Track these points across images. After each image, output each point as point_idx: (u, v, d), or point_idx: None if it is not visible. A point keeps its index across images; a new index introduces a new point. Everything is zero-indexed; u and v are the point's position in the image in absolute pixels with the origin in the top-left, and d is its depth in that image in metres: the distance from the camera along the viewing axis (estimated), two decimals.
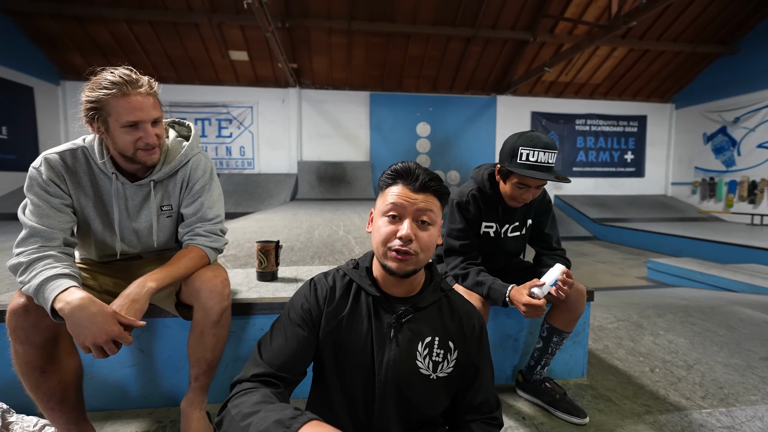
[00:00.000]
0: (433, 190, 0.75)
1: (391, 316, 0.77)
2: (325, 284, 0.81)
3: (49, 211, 0.99)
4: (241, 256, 2.36)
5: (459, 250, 1.30)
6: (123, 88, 0.97)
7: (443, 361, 0.76)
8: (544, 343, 1.38)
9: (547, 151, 1.14)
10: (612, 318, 2.54)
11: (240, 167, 9.42)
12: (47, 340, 0.91)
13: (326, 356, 0.78)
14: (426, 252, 0.74)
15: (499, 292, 1.15)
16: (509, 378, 1.59)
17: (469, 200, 1.30)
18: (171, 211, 1.18)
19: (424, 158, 9.69)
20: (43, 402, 0.95)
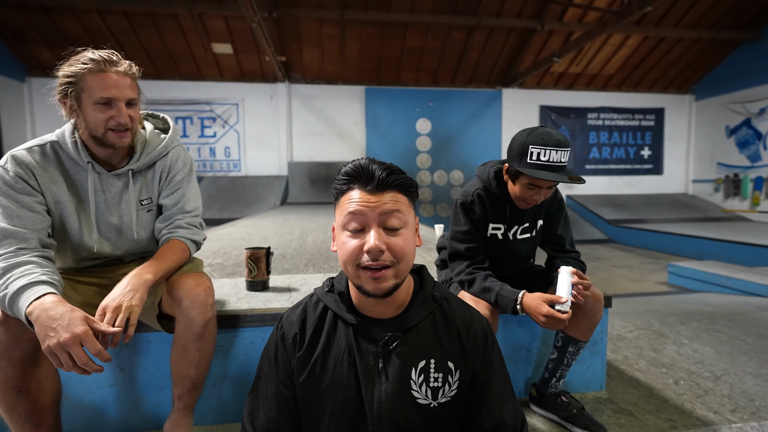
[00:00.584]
0: (396, 185, 0.69)
1: (377, 346, 0.72)
2: (292, 324, 0.76)
3: (20, 211, 0.99)
4: (229, 265, 2.36)
5: (464, 254, 1.30)
6: (101, 65, 1.02)
7: (443, 385, 0.71)
8: (560, 353, 1.39)
9: (560, 149, 1.14)
10: (631, 327, 2.55)
11: (225, 169, 9.42)
12: (26, 356, 0.91)
13: (307, 408, 0.73)
14: (405, 260, 0.68)
15: (508, 299, 1.15)
16: (522, 392, 1.59)
17: (474, 200, 1.31)
18: (151, 205, 1.20)
19: (424, 157, 9.73)
20: (17, 425, 0.95)
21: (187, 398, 1.17)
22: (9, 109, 7.70)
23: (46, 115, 8.07)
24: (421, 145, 9.72)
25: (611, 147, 10.12)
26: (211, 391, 1.41)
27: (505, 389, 0.76)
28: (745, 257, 5.49)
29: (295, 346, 0.74)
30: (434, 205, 9.53)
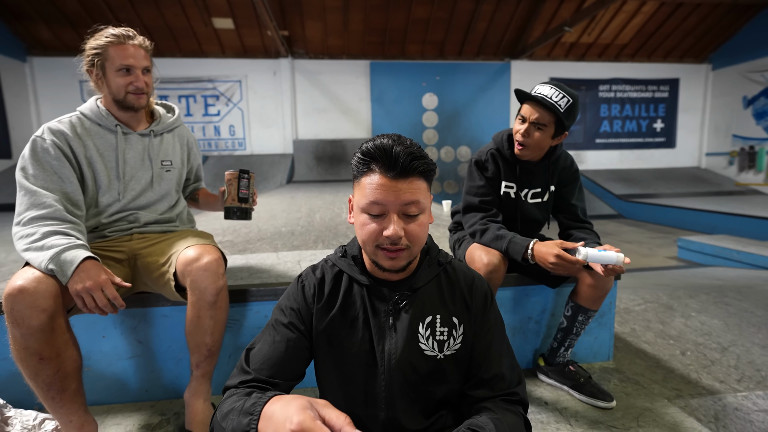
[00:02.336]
0: (419, 171, 0.70)
1: (387, 304, 0.78)
2: (312, 280, 0.81)
3: (53, 176, 1.15)
4: (239, 242, 2.40)
5: (479, 206, 1.34)
6: (120, 38, 1.24)
7: (449, 338, 0.77)
8: (569, 322, 1.41)
9: (555, 88, 1.21)
10: (639, 300, 2.57)
11: (230, 148, 9.40)
12: (43, 324, 0.96)
13: (322, 355, 0.79)
14: (419, 242, 0.73)
15: (520, 245, 1.20)
16: (530, 363, 1.63)
17: (488, 158, 1.36)
18: (170, 167, 1.41)
19: (431, 133, 9.62)
20: (42, 391, 1.00)
21: (204, 366, 1.22)
22: (12, 89, 7.69)
23: (49, 94, 8.05)
24: (428, 121, 9.58)
25: (623, 120, 9.90)
26: (227, 363, 1.47)
27: (504, 346, 0.81)
28: (758, 231, 5.43)
29: (314, 298, 0.79)
30: (441, 182, 9.48)
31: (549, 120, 1.22)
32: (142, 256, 1.29)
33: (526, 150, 1.28)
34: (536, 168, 1.36)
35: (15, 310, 0.94)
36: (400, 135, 0.73)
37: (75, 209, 1.17)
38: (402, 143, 0.70)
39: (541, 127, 1.24)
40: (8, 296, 0.95)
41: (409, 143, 0.71)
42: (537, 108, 1.22)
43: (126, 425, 1.32)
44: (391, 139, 0.70)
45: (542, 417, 1.32)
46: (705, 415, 1.50)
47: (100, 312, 1.01)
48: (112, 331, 1.42)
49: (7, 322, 0.95)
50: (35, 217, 1.07)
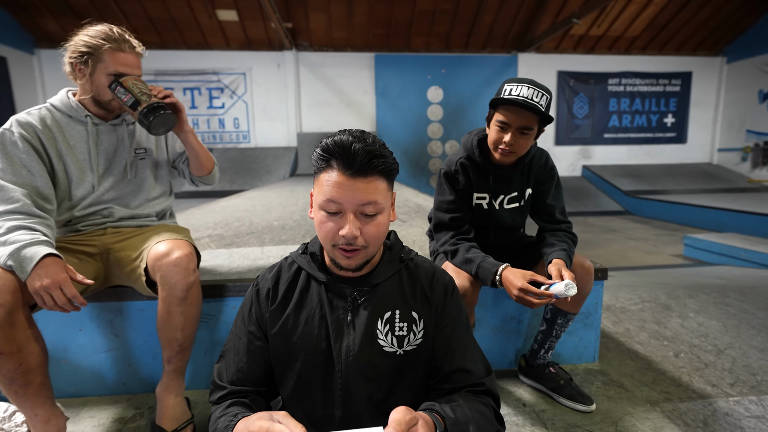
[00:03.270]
0: (378, 170, 0.69)
1: (346, 301, 0.77)
2: (267, 282, 0.81)
3: (21, 169, 1.13)
4: (227, 236, 2.39)
5: (449, 224, 1.28)
6: (120, 44, 1.20)
7: (408, 334, 0.76)
8: (548, 325, 1.37)
9: (533, 87, 1.12)
10: (636, 299, 2.52)
11: (235, 141, 9.41)
12: (2, 319, 0.95)
13: (279, 358, 0.78)
14: (376, 242, 0.73)
15: (488, 271, 1.13)
16: (512, 363, 1.59)
17: (458, 169, 1.28)
18: (144, 154, 1.37)
19: (436, 127, 9.52)
20: (5, 385, 1.00)
21: (175, 361, 1.21)
22: (20, 82, 7.77)
23: (56, 86, 8.10)
24: (433, 114, 9.49)
25: (632, 114, 9.69)
26: (203, 358, 1.46)
27: (468, 339, 0.79)
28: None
29: (268, 300, 0.79)
30: None
31: (534, 122, 1.16)
32: (114, 251, 1.28)
33: (512, 156, 1.21)
34: (511, 172, 1.29)
35: None
36: (364, 131, 0.71)
37: (45, 203, 1.15)
38: (363, 141, 0.69)
39: (527, 132, 1.17)
40: None
41: (371, 141, 0.69)
42: (520, 112, 1.14)
43: (100, 418, 1.33)
44: (352, 135, 0.69)
45: (518, 419, 1.29)
46: (693, 419, 1.45)
47: (60, 310, 0.99)
48: (89, 324, 1.41)
49: None
50: (2, 212, 1.06)
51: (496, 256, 1.32)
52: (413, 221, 2.89)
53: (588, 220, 7.42)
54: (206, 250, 2.02)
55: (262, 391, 0.78)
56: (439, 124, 9.53)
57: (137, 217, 1.35)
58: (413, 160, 9.57)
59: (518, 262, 1.34)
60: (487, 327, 1.55)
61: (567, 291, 1.02)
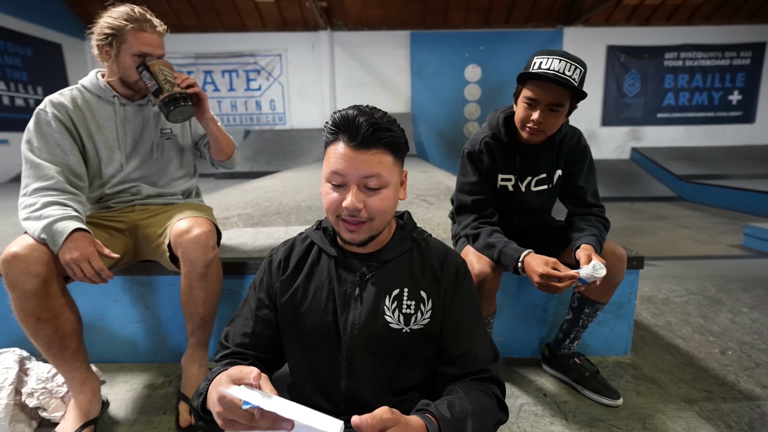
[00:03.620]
0: (383, 143, 0.69)
1: (355, 275, 0.77)
2: (279, 252, 0.84)
3: (55, 148, 1.19)
4: (256, 215, 2.45)
5: (471, 207, 1.23)
6: (142, 24, 1.23)
7: (416, 312, 0.75)
8: (574, 314, 1.31)
9: (565, 59, 1.04)
10: (682, 291, 2.36)
11: (271, 123, 9.60)
12: (37, 288, 1.03)
13: (287, 327, 0.80)
14: (381, 217, 0.72)
15: (510, 257, 1.08)
16: (535, 351, 1.55)
17: (482, 149, 1.22)
18: (170, 134, 1.41)
19: (473, 108, 9.24)
20: (44, 349, 1.09)
21: (198, 334, 1.26)
22: (74, 66, 8.28)
23: None
24: (470, 94, 9.19)
25: (691, 92, 8.91)
26: None
27: (477, 324, 0.78)
28: None
29: (279, 270, 0.81)
30: None
31: (566, 99, 1.08)
32: (142, 227, 1.34)
33: (541, 135, 1.14)
34: (539, 152, 1.22)
35: (10, 274, 1.01)
36: (374, 108, 0.72)
37: (77, 180, 1.22)
38: (367, 114, 0.69)
39: (557, 109, 1.09)
40: (3, 261, 1.02)
41: (379, 115, 0.70)
42: (550, 87, 1.06)
43: (132, 383, 1.42)
44: (359, 109, 0.70)
45: (538, 410, 1.25)
46: (737, 422, 1.36)
47: (88, 281, 1.05)
48: (122, 296, 1.51)
49: (5, 285, 1.02)
50: (38, 188, 1.13)
51: (521, 241, 1.27)
52: (441, 203, 2.84)
53: (635, 206, 6.99)
54: (233, 228, 2.08)
55: (263, 358, 0.81)
56: (476, 105, 9.22)
57: (163, 195, 1.41)
58: (448, 141, 9.37)
59: (545, 247, 1.28)
60: (510, 314, 1.51)
61: (595, 272, 0.96)
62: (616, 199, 7.13)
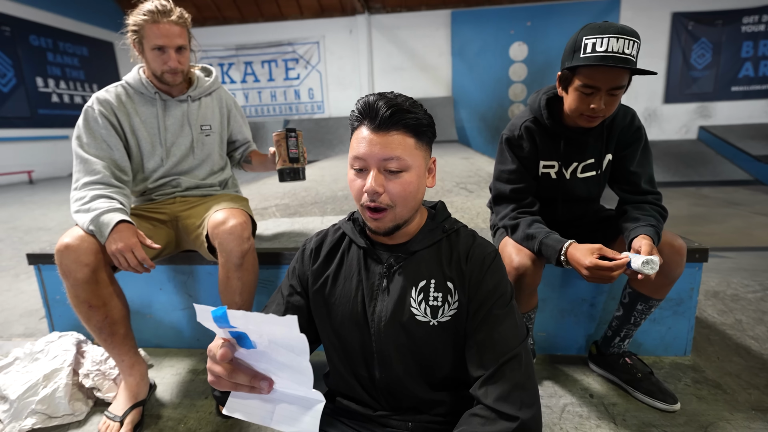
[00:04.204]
0: (403, 124, 0.68)
1: (382, 266, 0.78)
2: (312, 242, 0.87)
3: (102, 143, 1.28)
4: (293, 206, 2.51)
5: (510, 197, 1.18)
6: (155, 16, 1.25)
7: (443, 304, 0.75)
8: (626, 310, 1.23)
9: (623, 37, 0.94)
10: (756, 286, 2.16)
11: (309, 112, 9.77)
12: (87, 276, 1.11)
13: (319, 316, 0.82)
14: (404, 203, 0.71)
15: (552, 248, 1.03)
16: (581, 348, 1.48)
17: (522, 134, 1.16)
18: (210, 131, 1.48)
19: (518, 88, 8.88)
20: (96, 333, 1.18)
21: None
22: (125, 63, 8.85)
23: None
24: (515, 74, 8.84)
25: None
26: None
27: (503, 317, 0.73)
28: None
29: (311, 259, 0.84)
30: None
31: (626, 78, 0.99)
32: (182, 218, 1.41)
33: (598, 120, 1.06)
34: (586, 136, 1.13)
35: (63, 264, 1.10)
36: (399, 94, 0.71)
37: (122, 174, 1.31)
38: (388, 98, 0.69)
39: (617, 92, 1.01)
40: (57, 252, 1.11)
41: (401, 99, 0.70)
42: (612, 72, 0.97)
43: (178, 368, 1.51)
44: (381, 95, 0.70)
45: (582, 411, 1.19)
46: None
47: (133, 271, 1.13)
48: (167, 284, 1.60)
49: (59, 274, 1.12)
50: (87, 183, 1.21)
51: (565, 231, 1.20)
52: (482, 191, 2.76)
53: (702, 191, 6.45)
54: (271, 218, 2.14)
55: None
56: (521, 85, 8.86)
57: (202, 187, 1.47)
58: (491, 125, 9.10)
59: (592, 238, 1.20)
60: (554, 308, 1.45)
61: (643, 268, 0.89)
62: (679, 184, 6.61)
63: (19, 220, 4.07)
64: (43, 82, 8.14)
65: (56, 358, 1.32)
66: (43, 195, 5.89)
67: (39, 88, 8.08)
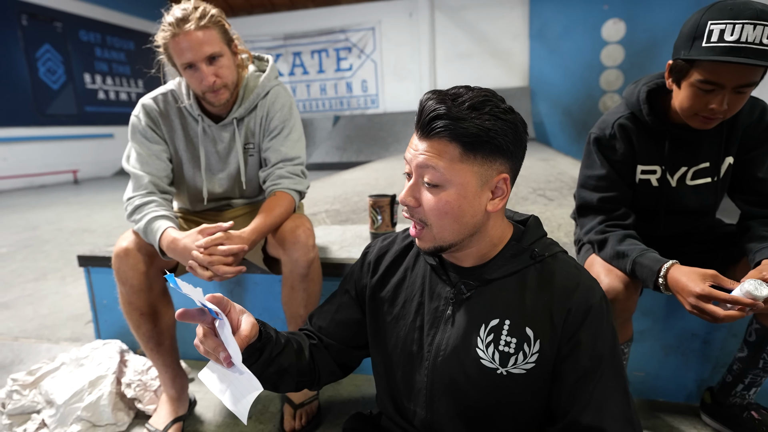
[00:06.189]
0: (447, 132, 0.64)
1: (451, 290, 0.75)
2: (376, 251, 0.88)
3: (149, 158, 1.32)
4: (344, 212, 2.59)
5: (597, 207, 1.14)
6: (173, 28, 1.17)
7: (517, 353, 0.70)
8: (752, 351, 1.14)
9: (761, 23, 0.85)
10: None
11: (362, 106, 10.03)
12: (143, 284, 1.23)
13: (371, 333, 0.85)
14: (439, 224, 0.69)
15: (648, 269, 0.97)
16: (692, 396, 1.38)
17: (614, 134, 1.12)
18: (253, 150, 1.42)
19: (613, 75, 8.50)
20: (143, 342, 1.30)
21: None
22: None
23: None
24: (609, 59, 8.47)
25: None
26: None
27: (613, 387, 0.69)
28: None
29: (369, 271, 0.86)
30: None
31: (760, 74, 0.92)
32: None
33: (717, 121, 1.00)
34: (701, 134, 1.06)
35: (121, 270, 1.22)
36: (470, 88, 0.66)
37: (167, 186, 1.36)
38: (443, 96, 0.65)
39: (745, 90, 0.93)
40: (116, 256, 1.23)
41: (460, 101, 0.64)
42: (743, 67, 0.89)
43: None
44: (439, 92, 0.67)
45: None
46: None
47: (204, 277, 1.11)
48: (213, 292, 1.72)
49: (116, 279, 1.24)
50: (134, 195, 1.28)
51: (669, 251, 1.14)
52: (564, 199, 2.67)
53: None
54: (321, 225, 2.23)
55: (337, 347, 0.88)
56: (617, 71, 8.47)
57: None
58: (578, 120, 8.78)
59: (704, 260, 1.14)
60: (654, 343, 1.37)
61: (756, 291, 0.82)
62: None
63: (64, 221, 4.56)
64: (90, 79, 9.11)
65: (101, 365, 1.46)
66: (88, 195, 6.55)
67: (87, 84, 9.04)
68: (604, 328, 0.70)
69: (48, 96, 8.31)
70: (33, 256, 3.31)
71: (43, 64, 8.20)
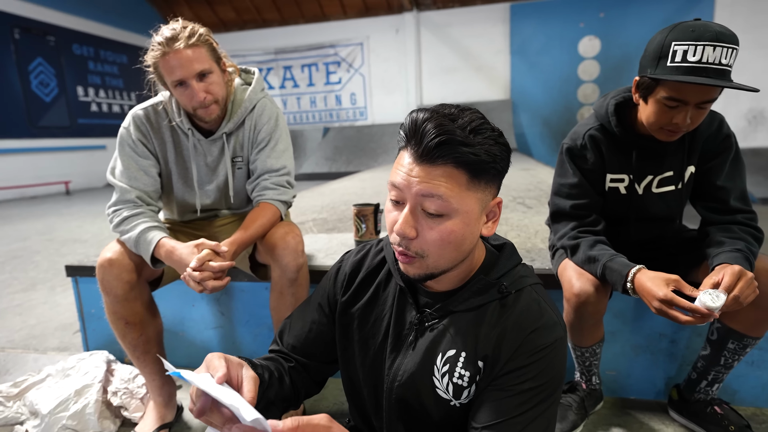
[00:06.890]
0: (453, 158, 0.58)
1: (416, 315, 0.72)
2: (348, 265, 0.82)
3: (137, 173, 1.29)
4: (331, 221, 2.60)
5: (570, 213, 1.17)
6: (163, 47, 1.17)
7: (470, 386, 0.67)
8: (714, 349, 1.17)
9: (720, 44, 0.90)
10: None
11: (351, 118, 10.07)
12: (125, 293, 1.22)
13: (341, 347, 0.81)
14: (438, 254, 0.63)
15: (617, 273, 1.00)
16: (660, 393, 1.41)
17: (585, 144, 1.15)
18: (241, 163, 1.42)
19: (589, 89, 8.67)
20: (130, 351, 1.29)
21: None
22: None
23: None
24: (585, 73, 8.65)
25: None
26: None
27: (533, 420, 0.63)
28: None
29: (342, 286, 0.81)
30: None
31: (719, 90, 0.96)
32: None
33: (679, 135, 1.04)
34: (665, 144, 1.10)
35: (105, 279, 1.21)
36: (465, 108, 0.62)
37: (154, 200, 1.35)
38: (442, 118, 0.59)
39: (706, 106, 0.98)
40: (99, 266, 1.22)
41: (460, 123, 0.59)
42: (704, 86, 0.94)
43: None
44: (434, 111, 0.61)
45: None
46: None
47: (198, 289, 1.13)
48: (200, 301, 1.71)
49: (100, 289, 1.23)
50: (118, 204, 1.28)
51: (638, 255, 1.17)
52: (542, 207, 2.71)
53: None
54: (308, 234, 2.23)
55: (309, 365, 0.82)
56: (593, 85, 8.65)
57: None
58: (556, 131, 8.92)
59: (670, 264, 1.17)
60: (625, 344, 1.40)
61: (711, 303, 0.85)
62: None
63: (55, 232, 4.49)
64: (83, 91, 9.03)
65: (87, 374, 1.45)
66: (80, 206, 6.46)
67: (79, 97, 8.96)
68: (552, 369, 0.65)
69: (40, 108, 8.21)
70: (23, 266, 3.26)
71: (35, 77, 8.11)
